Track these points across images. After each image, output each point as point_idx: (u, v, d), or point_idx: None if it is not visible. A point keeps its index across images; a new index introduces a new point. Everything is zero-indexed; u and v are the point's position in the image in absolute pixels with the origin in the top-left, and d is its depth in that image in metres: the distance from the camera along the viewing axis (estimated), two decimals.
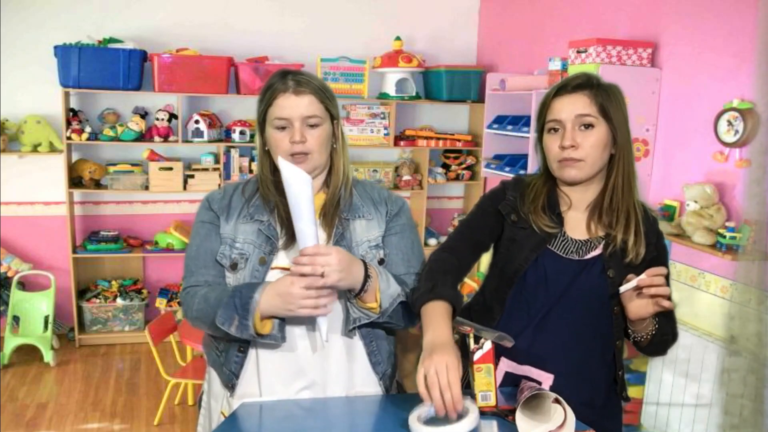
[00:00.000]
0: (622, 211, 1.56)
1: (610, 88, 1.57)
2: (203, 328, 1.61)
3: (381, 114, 4.68)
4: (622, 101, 1.58)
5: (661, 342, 1.57)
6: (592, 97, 1.54)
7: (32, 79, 4.29)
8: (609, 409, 1.64)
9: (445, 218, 5.15)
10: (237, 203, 1.66)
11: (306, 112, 1.57)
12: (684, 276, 2.95)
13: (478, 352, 1.49)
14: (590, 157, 1.54)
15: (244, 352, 1.62)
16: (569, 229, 1.61)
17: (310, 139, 1.58)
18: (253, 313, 1.48)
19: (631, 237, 1.54)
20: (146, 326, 3.32)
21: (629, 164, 1.57)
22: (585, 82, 1.56)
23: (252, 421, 1.52)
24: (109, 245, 4.42)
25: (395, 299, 1.56)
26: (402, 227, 1.69)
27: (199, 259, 1.63)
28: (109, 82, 4.16)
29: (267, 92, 1.60)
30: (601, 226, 1.58)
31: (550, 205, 1.62)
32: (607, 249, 1.56)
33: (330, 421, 1.53)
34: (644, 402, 2.98)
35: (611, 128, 1.54)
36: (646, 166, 3.22)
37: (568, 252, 1.59)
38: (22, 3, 4.26)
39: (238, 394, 1.64)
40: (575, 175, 1.56)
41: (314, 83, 1.61)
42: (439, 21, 4.96)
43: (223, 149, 4.47)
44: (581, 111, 1.53)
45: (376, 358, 1.66)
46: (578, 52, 3.27)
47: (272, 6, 4.67)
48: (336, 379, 1.62)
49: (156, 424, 3.46)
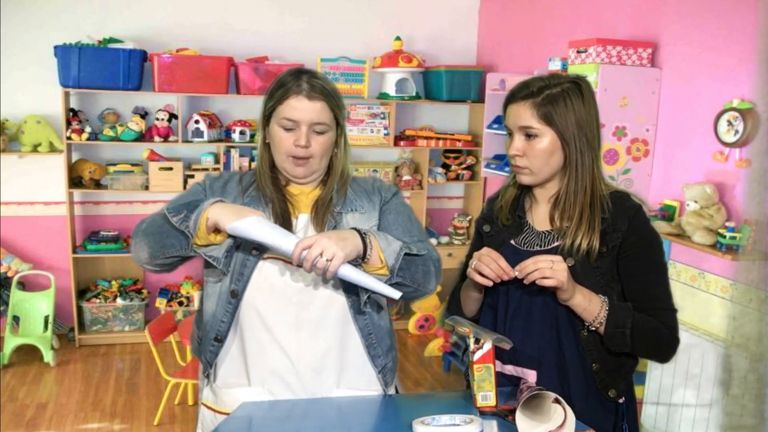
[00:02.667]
0: (576, 210, 1.57)
1: (559, 94, 1.54)
2: (143, 242, 1.55)
3: (381, 114, 4.68)
4: (574, 103, 1.54)
5: (616, 335, 1.52)
6: (535, 108, 1.54)
7: (32, 79, 4.29)
8: (592, 404, 1.59)
9: (445, 218, 5.15)
10: (232, 190, 1.66)
11: (316, 118, 1.57)
12: (684, 276, 2.95)
13: (478, 352, 1.49)
14: (535, 166, 1.57)
15: (220, 341, 1.62)
16: (536, 222, 1.65)
17: (314, 144, 1.58)
18: (200, 212, 1.46)
19: (581, 233, 1.55)
20: (146, 326, 3.32)
21: (583, 165, 1.56)
22: (528, 92, 1.56)
23: (252, 421, 1.52)
24: (109, 245, 4.42)
25: (399, 253, 1.51)
26: (396, 206, 1.69)
27: (174, 202, 1.59)
28: (109, 82, 4.16)
29: (279, 89, 1.59)
30: (563, 218, 1.60)
31: (514, 205, 1.69)
32: (565, 240, 1.58)
33: (330, 421, 1.53)
34: (644, 402, 2.98)
35: (558, 134, 1.55)
36: (646, 166, 3.22)
37: (532, 245, 1.62)
38: (22, 3, 4.26)
39: (225, 383, 1.65)
40: (526, 181, 1.62)
41: (328, 89, 1.61)
42: (439, 21, 4.96)
43: (223, 149, 4.47)
44: (523, 123, 1.57)
45: (375, 350, 1.66)
46: (578, 52, 3.27)
47: (272, 6, 4.67)
48: (328, 372, 1.62)
49: (156, 424, 3.46)
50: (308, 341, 1.60)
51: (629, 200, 1.61)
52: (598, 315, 1.52)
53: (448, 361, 4.24)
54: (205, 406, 1.70)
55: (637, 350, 1.56)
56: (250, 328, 1.60)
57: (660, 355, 1.60)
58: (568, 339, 1.58)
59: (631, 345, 1.53)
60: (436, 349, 4.45)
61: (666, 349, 1.58)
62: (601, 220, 1.57)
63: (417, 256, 1.54)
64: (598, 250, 1.55)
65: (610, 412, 1.62)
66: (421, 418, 1.39)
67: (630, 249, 1.56)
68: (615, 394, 1.61)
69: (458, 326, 1.57)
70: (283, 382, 1.60)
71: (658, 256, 1.61)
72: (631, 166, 3.21)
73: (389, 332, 1.71)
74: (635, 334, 1.53)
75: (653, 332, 1.55)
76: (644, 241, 1.58)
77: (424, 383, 4.09)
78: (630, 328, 1.52)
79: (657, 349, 1.58)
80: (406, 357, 4.45)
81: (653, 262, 1.59)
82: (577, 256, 1.55)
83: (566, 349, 1.59)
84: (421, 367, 4.31)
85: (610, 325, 1.52)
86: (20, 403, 3.65)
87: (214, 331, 1.62)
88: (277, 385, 1.60)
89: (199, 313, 1.73)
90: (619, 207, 1.58)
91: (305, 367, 1.60)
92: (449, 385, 4.08)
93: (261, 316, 1.59)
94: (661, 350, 1.59)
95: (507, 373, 1.65)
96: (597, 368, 1.59)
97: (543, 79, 1.58)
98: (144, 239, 1.56)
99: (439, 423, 1.37)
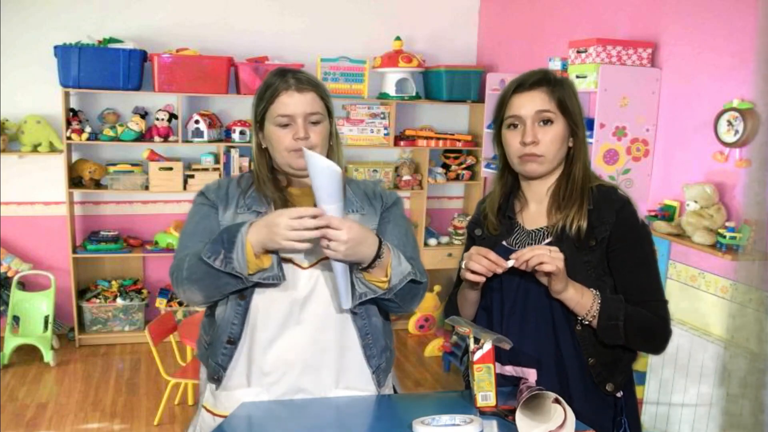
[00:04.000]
0: (577, 198, 1.60)
1: (565, 82, 1.62)
2: (193, 289, 1.54)
3: (381, 114, 4.68)
4: (576, 94, 1.63)
5: (609, 327, 1.53)
6: (551, 93, 1.58)
7: (32, 79, 4.30)
8: (591, 399, 1.59)
9: (445, 218, 5.15)
10: (233, 193, 1.67)
11: (309, 108, 1.59)
12: (684, 276, 2.95)
13: (478, 352, 1.49)
14: (550, 152, 1.59)
15: (233, 343, 1.62)
16: (526, 222, 1.66)
17: (313, 135, 1.59)
18: (242, 245, 1.45)
19: (572, 214, 1.58)
20: (146, 326, 3.32)
21: (585, 154, 1.64)
22: (543, 78, 1.60)
23: (251, 421, 1.52)
24: (109, 245, 4.42)
25: (405, 277, 1.54)
26: (396, 216, 1.71)
27: (196, 235, 1.60)
28: (109, 82, 4.16)
29: (267, 90, 1.61)
30: (559, 213, 1.61)
31: (503, 208, 1.69)
32: (555, 234, 1.59)
33: (330, 421, 1.53)
34: (644, 402, 2.98)
35: (569, 122, 1.59)
36: (646, 166, 3.22)
37: (524, 244, 1.63)
38: (22, 3, 4.26)
39: (224, 386, 1.64)
40: (536, 170, 1.61)
41: (314, 80, 1.63)
42: (439, 21, 4.96)
43: (223, 149, 4.47)
44: (540, 107, 1.58)
45: (371, 351, 1.66)
46: (578, 52, 3.27)
47: (272, 6, 4.67)
48: (328, 371, 1.62)
49: (156, 424, 3.46)
50: (308, 341, 1.60)
51: (616, 194, 1.62)
52: (590, 308, 1.53)
53: (448, 361, 4.24)
54: (205, 409, 1.69)
55: (630, 342, 1.56)
56: (253, 328, 1.61)
57: (653, 346, 1.61)
58: (564, 335, 1.59)
59: (624, 337, 1.54)
60: (436, 349, 4.45)
61: (659, 340, 1.59)
62: (588, 212, 1.58)
63: (418, 283, 1.58)
64: (588, 245, 1.56)
65: (609, 407, 1.62)
66: (421, 418, 1.39)
67: (618, 242, 1.57)
68: (612, 387, 1.60)
69: (458, 326, 1.58)
70: (283, 382, 1.60)
71: (647, 247, 1.61)
72: (631, 166, 3.21)
73: (384, 333, 1.71)
74: (628, 326, 1.53)
75: (646, 324, 1.56)
76: (632, 232, 1.59)
77: (424, 383, 4.09)
78: (623, 320, 1.53)
79: (650, 340, 1.59)
80: (406, 357, 4.45)
81: (642, 254, 1.60)
82: (568, 242, 1.56)
83: (563, 346, 1.59)
84: (421, 367, 4.31)
85: (603, 317, 1.53)
86: (20, 403, 3.65)
87: (226, 334, 1.61)
88: (276, 385, 1.60)
89: (208, 318, 1.72)
90: (606, 199, 1.60)
91: (305, 367, 1.60)
92: (449, 385, 4.08)
93: (263, 316, 1.60)
94: (654, 341, 1.60)
95: (507, 374, 1.65)
96: (593, 362, 1.58)
97: (543, 71, 1.63)
98: (193, 286, 1.54)
99: (439, 423, 1.37)
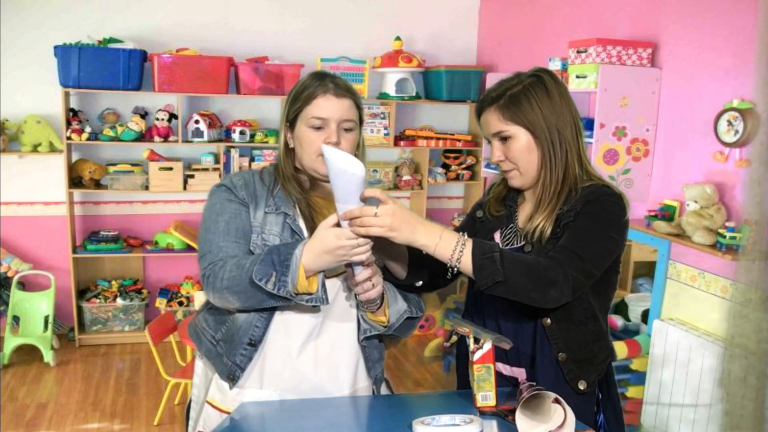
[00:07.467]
0: (551, 202, 1.56)
1: (521, 91, 1.54)
2: (232, 299, 1.52)
3: (381, 114, 4.68)
4: (538, 96, 1.54)
5: (486, 263, 1.40)
6: (500, 111, 1.56)
7: (32, 79, 4.29)
8: (563, 395, 1.48)
9: (445, 218, 5.15)
10: (261, 192, 1.65)
11: (345, 115, 1.59)
12: (684, 276, 2.95)
13: (478, 352, 1.49)
14: (521, 164, 1.58)
15: (254, 345, 1.61)
16: (521, 219, 1.67)
17: (343, 142, 1.59)
18: (296, 269, 1.44)
19: (540, 223, 1.56)
20: (146, 326, 3.32)
21: (556, 157, 1.55)
22: (491, 97, 1.58)
23: (252, 421, 1.52)
24: (109, 245, 4.42)
25: (401, 315, 1.62)
26: None
27: (230, 234, 1.58)
28: (109, 82, 4.16)
29: (305, 91, 1.60)
30: (532, 219, 1.61)
31: (506, 196, 1.70)
32: (528, 239, 1.58)
33: (330, 421, 1.53)
34: (644, 402, 2.98)
35: (529, 130, 1.55)
36: (646, 166, 3.22)
37: (512, 242, 1.63)
38: (22, 3, 4.26)
39: (237, 384, 1.65)
40: (518, 184, 1.62)
41: (352, 88, 1.64)
42: (439, 21, 4.96)
43: (223, 149, 4.47)
44: (493, 129, 1.59)
45: (370, 363, 1.71)
46: (578, 52, 3.27)
47: (272, 6, 4.67)
48: (337, 386, 1.65)
49: (156, 424, 3.46)
50: (327, 350, 1.63)
51: (599, 188, 1.55)
52: (454, 251, 1.40)
53: (448, 361, 4.24)
54: (211, 405, 1.70)
55: (511, 280, 1.40)
56: (274, 333, 1.62)
57: (540, 288, 1.42)
58: (529, 330, 1.59)
59: (503, 271, 1.39)
60: (436, 349, 4.45)
61: (544, 280, 1.41)
62: (560, 213, 1.54)
63: (414, 318, 1.64)
64: (551, 233, 1.53)
65: (585, 404, 1.59)
66: (421, 418, 1.39)
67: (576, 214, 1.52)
68: (585, 386, 1.57)
69: (458, 326, 1.58)
70: (297, 389, 1.61)
71: (600, 210, 1.52)
72: (631, 166, 3.21)
73: (379, 345, 1.75)
74: (506, 261, 1.40)
75: (530, 261, 1.44)
76: (590, 205, 1.52)
77: (424, 383, 4.09)
78: (499, 253, 1.41)
79: (534, 280, 1.41)
80: (406, 357, 4.45)
81: (588, 218, 1.51)
82: (532, 239, 1.56)
83: (542, 343, 1.58)
84: (421, 367, 4.31)
85: (478, 254, 1.41)
86: (20, 403, 3.65)
87: (248, 336, 1.61)
88: (289, 391, 1.62)
89: (212, 313, 1.70)
90: (584, 195, 1.54)
91: (321, 376, 1.62)
92: (449, 385, 4.08)
93: (285, 323, 1.61)
94: (539, 282, 1.41)
95: (504, 374, 1.66)
96: (564, 358, 1.56)
97: (504, 82, 1.59)
98: (233, 296, 1.51)
99: (439, 423, 1.37)
